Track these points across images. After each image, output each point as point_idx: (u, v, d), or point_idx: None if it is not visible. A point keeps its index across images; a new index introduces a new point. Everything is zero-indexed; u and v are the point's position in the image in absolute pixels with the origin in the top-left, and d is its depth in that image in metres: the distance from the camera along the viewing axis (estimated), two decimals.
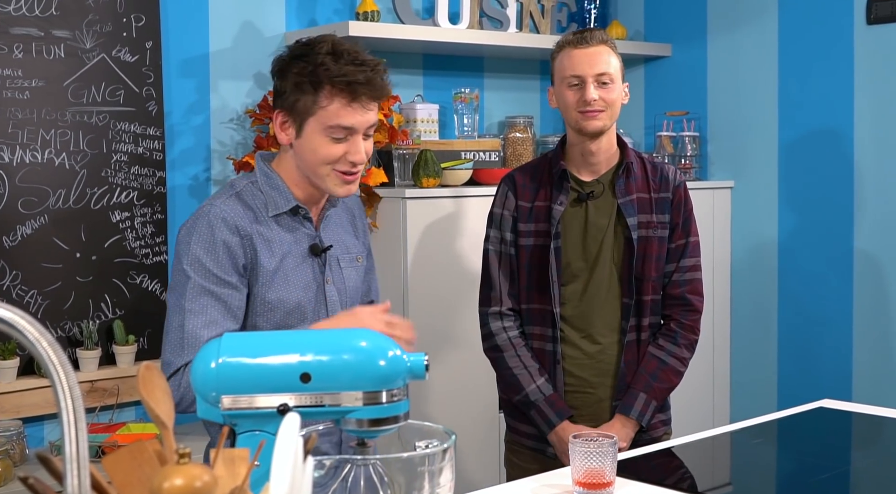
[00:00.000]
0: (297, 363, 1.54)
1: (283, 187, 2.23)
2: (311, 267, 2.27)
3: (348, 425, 1.58)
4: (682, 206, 2.76)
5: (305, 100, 2.14)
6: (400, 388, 1.60)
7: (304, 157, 2.20)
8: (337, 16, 3.90)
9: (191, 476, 1.13)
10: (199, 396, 1.57)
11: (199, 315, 2.12)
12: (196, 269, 2.13)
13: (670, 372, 2.74)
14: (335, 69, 2.12)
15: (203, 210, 2.19)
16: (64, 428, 1.04)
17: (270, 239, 2.20)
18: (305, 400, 1.54)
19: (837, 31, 3.94)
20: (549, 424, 2.69)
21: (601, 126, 2.68)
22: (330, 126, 2.15)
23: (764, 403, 4.17)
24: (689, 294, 2.76)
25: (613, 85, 2.68)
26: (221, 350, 1.55)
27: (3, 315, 1.09)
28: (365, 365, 1.56)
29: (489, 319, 2.79)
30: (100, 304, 3.39)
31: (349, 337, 1.60)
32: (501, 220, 2.79)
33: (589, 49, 2.68)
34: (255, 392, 1.54)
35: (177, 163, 3.56)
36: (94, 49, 3.36)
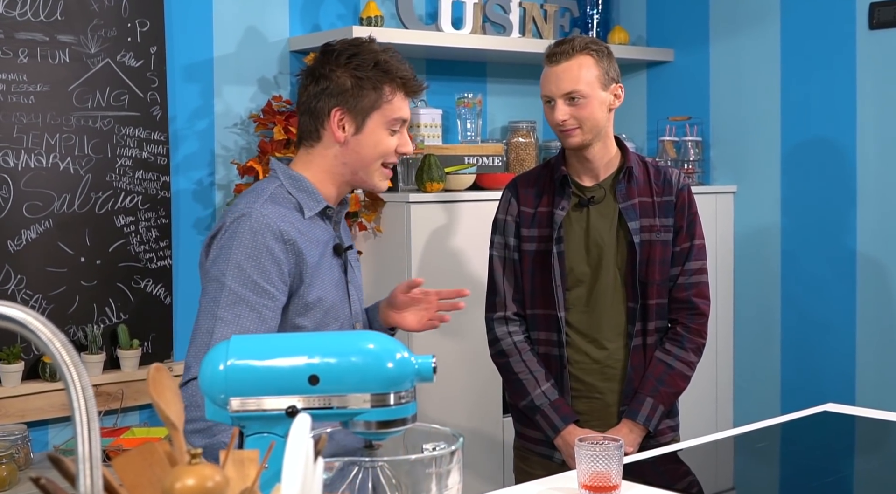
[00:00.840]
0: (306, 365, 1.54)
1: (312, 188, 2.23)
2: (338, 267, 2.29)
3: (356, 427, 1.58)
4: (685, 209, 2.75)
5: (370, 95, 2.20)
6: (408, 390, 1.61)
7: (360, 153, 2.23)
8: (340, 21, 3.91)
9: (202, 476, 1.13)
10: (208, 398, 1.57)
11: (230, 324, 2.07)
12: (234, 276, 2.09)
13: (677, 376, 2.73)
14: (397, 65, 2.21)
15: (242, 215, 2.13)
16: (77, 429, 1.04)
17: (310, 239, 2.19)
18: (314, 402, 1.55)
19: (840, 36, 3.94)
20: (555, 429, 2.69)
21: (578, 142, 2.67)
22: (393, 119, 2.23)
23: (767, 407, 4.17)
24: (695, 297, 2.75)
25: (586, 99, 2.64)
26: (230, 352, 1.55)
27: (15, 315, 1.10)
28: (373, 367, 1.56)
29: (494, 324, 2.79)
30: (104, 308, 3.40)
31: (357, 339, 1.61)
32: (505, 226, 2.79)
33: (558, 66, 2.66)
34: (264, 394, 1.55)
35: (181, 168, 3.57)
36: (98, 54, 3.37)
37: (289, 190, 2.22)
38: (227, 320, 2.07)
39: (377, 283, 3.59)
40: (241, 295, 2.08)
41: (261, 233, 2.10)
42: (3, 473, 2.95)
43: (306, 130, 2.26)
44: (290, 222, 2.16)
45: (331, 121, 2.21)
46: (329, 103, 2.21)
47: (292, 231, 2.14)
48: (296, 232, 2.15)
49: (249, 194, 2.23)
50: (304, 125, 2.27)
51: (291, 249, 2.14)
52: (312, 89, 2.23)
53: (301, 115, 2.27)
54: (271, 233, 2.11)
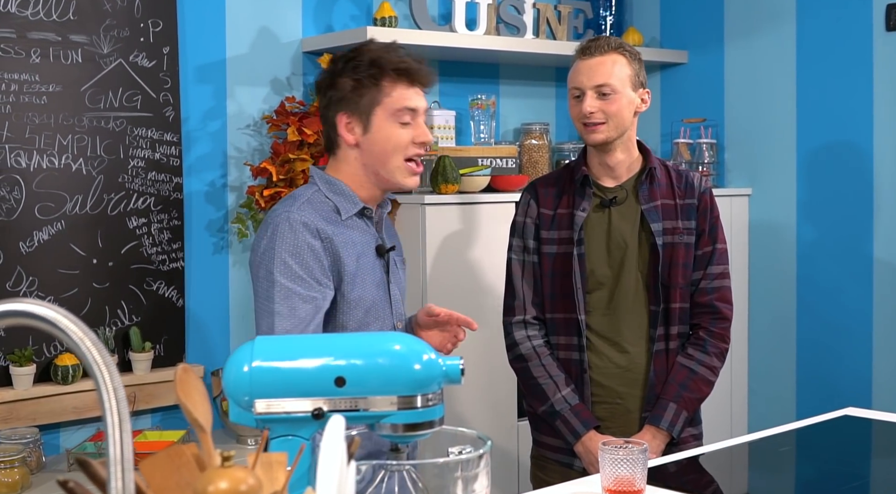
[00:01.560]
0: (332, 366, 1.52)
1: (348, 191, 2.31)
2: (379, 268, 2.35)
3: (383, 430, 1.55)
4: (708, 213, 2.72)
5: (369, 93, 2.26)
6: (435, 393, 1.58)
7: (374, 151, 2.29)
8: (353, 22, 3.88)
9: (236, 479, 1.10)
10: (232, 400, 1.54)
11: (287, 317, 2.17)
12: (282, 272, 2.18)
13: (701, 381, 2.69)
14: (393, 58, 2.26)
15: (280, 218, 2.23)
16: (108, 430, 1.01)
17: (346, 240, 2.26)
18: (340, 404, 1.52)
19: (856, 38, 3.91)
20: (576, 434, 2.65)
21: (602, 138, 2.65)
22: (397, 110, 2.27)
23: (783, 412, 4.14)
24: (717, 301, 2.72)
25: (616, 95, 2.63)
26: (255, 353, 1.53)
27: (46, 314, 1.07)
28: (400, 369, 1.54)
29: (513, 329, 2.76)
30: (116, 311, 3.37)
31: (384, 340, 1.58)
32: (524, 229, 2.76)
33: (591, 60, 2.65)
34: (289, 396, 1.52)
35: (193, 169, 3.54)
36: (111, 54, 3.34)
37: (326, 194, 2.30)
38: (283, 314, 2.17)
39: None
40: (291, 289, 2.18)
41: (299, 231, 2.20)
42: (15, 476, 2.92)
43: (328, 141, 2.37)
44: (327, 222, 2.25)
45: (340, 127, 2.30)
46: (334, 110, 2.30)
47: (328, 230, 2.23)
48: (331, 232, 2.24)
49: (288, 199, 2.33)
50: (325, 136, 2.37)
51: (329, 247, 2.23)
52: (322, 101, 2.35)
53: (322, 126, 2.38)
54: (308, 231, 2.21)
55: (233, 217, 3.60)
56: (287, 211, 2.24)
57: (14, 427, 3.12)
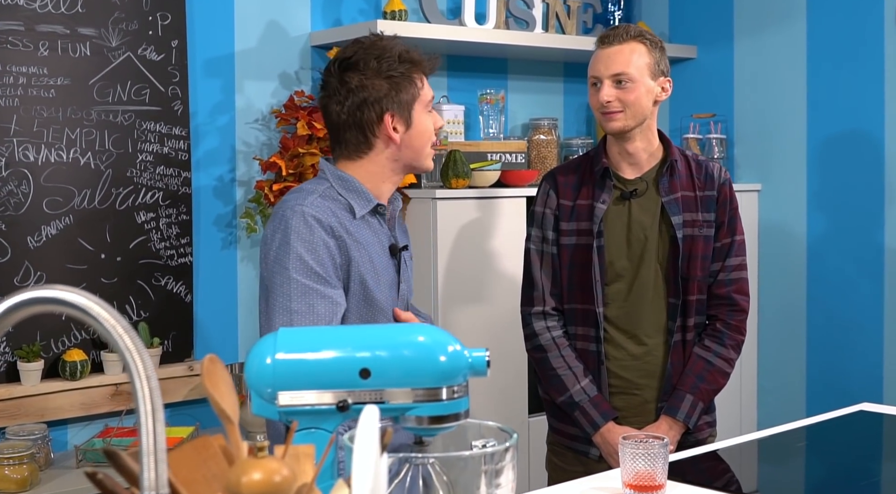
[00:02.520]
0: (357, 358, 1.50)
1: (362, 188, 2.26)
2: (392, 267, 2.32)
3: (407, 422, 1.53)
4: (727, 205, 2.71)
5: (408, 90, 2.25)
6: (461, 385, 1.57)
7: (414, 144, 2.29)
8: (362, 16, 3.86)
9: (269, 470, 1.08)
10: (254, 392, 1.52)
11: (305, 315, 2.12)
12: (299, 269, 2.14)
13: (717, 373, 2.69)
14: (415, 55, 2.27)
15: (294, 212, 2.17)
16: (141, 419, 0.99)
17: (359, 240, 2.22)
18: (364, 397, 1.50)
19: (867, 32, 3.89)
20: (594, 425, 2.65)
21: (620, 127, 2.64)
22: (428, 102, 2.31)
23: (792, 408, 4.12)
24: (734, 293, 2.71)
25: (633, 84, 2.62)
26: (277, 345, 1.50)
27: (77, 301, 1.05)
28: (425, 361, 1.52)
29: (532, 319, 2.74)
30: (124, 306, 3.35)
31: (408, 331, 1.56)
32: (543, 219, 2.75)
33: (610, 48, 2.65)
34: (313, 388, 1.50)
35: (202, 164, 3.52)
36: (119, 47, 3.32)
37: (339, 191, 2.25)
38: (301, 312, 2.13)
39: None
40: (309, 286, 2.14)
41: (315, 227, 2.16)
42: (24, 473, 2.89)
43: (354, 143, 2.28)
44: (340, 221, 2.20)
45: (384, 127, 2.25)
46: (376, 110, 2.24)
47: (341, 229, 2.19)
48: (344, 230, 2.19)
49: (297, 193, 2.26)
50: (350, 140, 2.28)
51: (342, 246, 2.18)
52: (350, 103, 2.25)
53: (345, 132, 2.28)
54: (323, 228, 2.16)
55: (241, 212, 3.57)
56: (300, 205, 2.18)
57: (22, 423, 3.10)
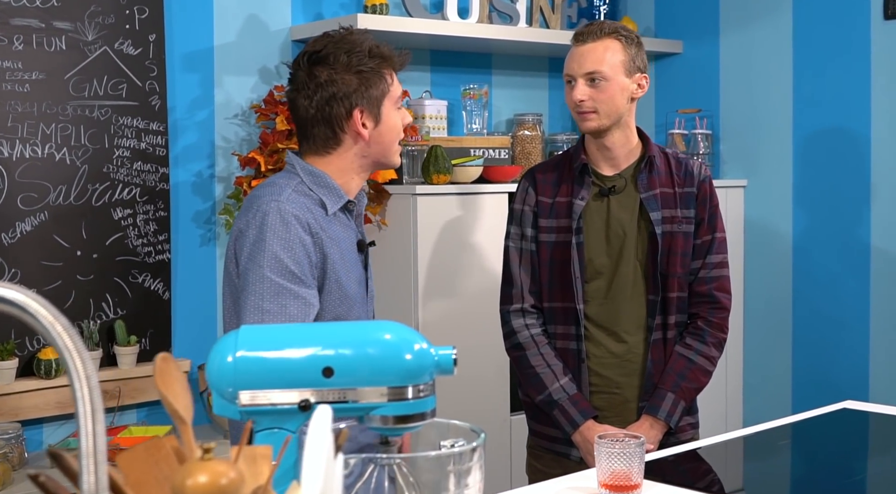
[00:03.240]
0: (320, 356, 1.46)
1: (334, 184, 2.22)
2: (360, 263, 2.29)
3: (372, 422, 1.49)
4: (707, 201, 2.68)
5: (378, 85, 2.21)
6: (427, 383, 1.53)
7: (383, 141, 2.25)
8: (343, 10, 3.82)
9: (216, 472, 1.04)
10: (215, 391, 1.48)
11: (277, 315, 2.08)
12: (273, 267, 2.09)
13: (699, 371, 2.65)
14: (385, 50, 2.23)
15: (269, 207, 2.12)
16: (80, 421, 0.95)
17: (332, 236, 2.19)
18: (328, 396, 1.46)
19: (854, 27, 3.86)
20: (573, 424, 2.61)
21: (595, 126, 2.60)
22: (397, 98, 2.27)
23: (778, 406, 4.09)
24: (716, 291, 2.67)
25: (607, 82, 2.58)
26: (239, 343, 1.47)
27: (13, 297, 1.01)
28: (390, 359, 1.48)
29: (511, 317, 2.71)
30: (101, 304, 3.31)
31: (373, 329, 1.52)
32: (522, 216, 2.71)
33: (584, 46, 2.61)
34: (275, 387, 1.46)
35: (180, 160, 3.48)
36: (95, 41, 3.27)
37: (310, 186, 2.21)
38: (273, 312, 2.08)
39: (383, 277, 3.50)
40: (283, 286, 2.09)
41: (291, 224, 2.11)
42: None
43: (322, 139, 2.24)
44: (315, 217, 2.16)
45: (353, 123, 2.21)
46: (345, 106, 2.20)
47: (317, 226, 2.15)
48: (319, 228, 2.16)
49: (270, 187, 2.21)
50: (319, 135, 2.24)
51: (317, 243, 2.15)
52: (319, 98, 2.20)
53: (312, 127, 2.24)
54: (300, 225, 2.12)
55: (220, 208, 3.53)
56: (276, 200, 2.13)
57: None
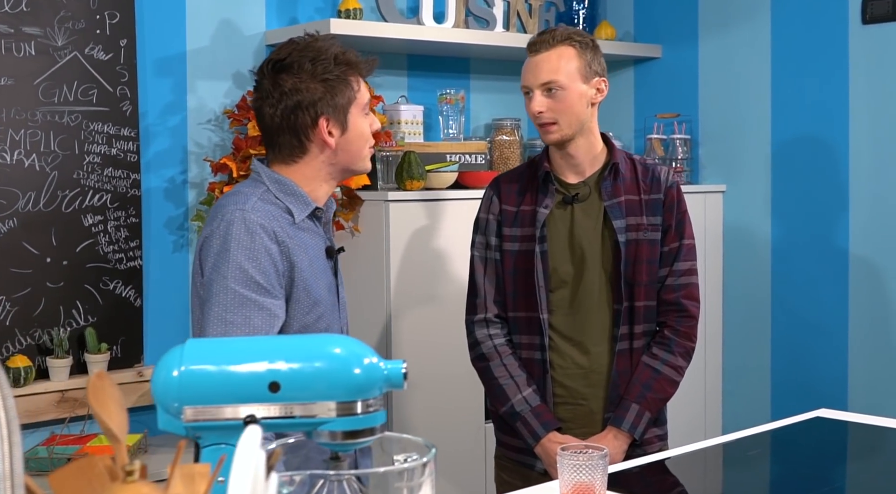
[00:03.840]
0: (266, 371, 1.43)
1: (300, 192, 2.20)
2: (329, 270, 2.26)
3: (321, 437, 1.47)
4: (674, 208, 2.64)
5: (344, 93, 2.19)
6: (376, 398, 1.50)
7: (351, 148, 2.22)
8: (319, 14, 3.79)
9: None
10: (161, 407, 1.45)
11: (241, 326, 2.05)
12: (237, 278, 2.06)
13: (665, 381, 2.62)
14: (351, 56, 2.22)
15: (233, 216, 2.09)
16: None
17: (300, 244, 2.16)
18: (274, 411, 1.43)
19: (832, 31, 3.85)
20: (535, 436, 2.58)
21: (557, 138, 2.57)
22: (365, 104, 2.24)
23: (757, 412, 4.07)
24: (683, 299, 2.64)
25: (564, 92, 2.54)
26: (184, 357, 1.44)
27: None
28: (339, 374, 1.45)
29: (475, 327, 2.68)
30: (71, 311, 3.28)
31: (322, 343, 1.49)
32: (486, 225, 2.69)
33: (538, 56, 2.57)
34: (220, 402, 1.43)
35: (152, 165, 3.45)
36: (65, 47, 3.25)
37: (276, 195, 2.18)
38: (237, 324, 2.05)
39: (355, 284, 3.47)
40: (247, 297, 2.06)
41: (257, 234, 2.08)
42: None
43: (289, 148, 2.21)
44: (281, 226, 2.13)
45: (319, 132, 2.18)
46: (310, 114, 2.17)
47: (283, 234, 2.12)
48: (286, 236, 2.13)
49: (236, 195, 2.18)
50: (285, 144, 2.21)
51: (284, 251, 2.12)
52: (284, 107, 2.18)
53: (278, 136, 2.21)
54: (266, 234, 2.09)
55: (193, 214, 3.50)
56: (241, 209, 2.11)
57: None
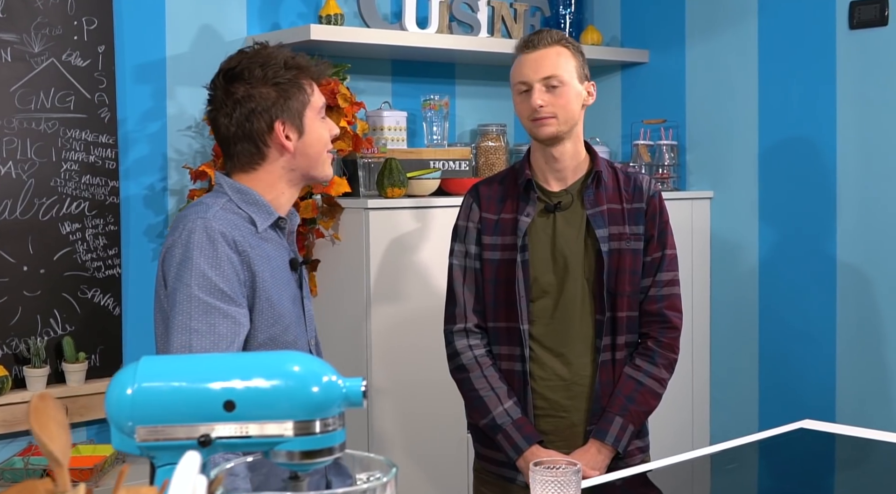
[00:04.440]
0: (221, 389, 1.39)
1: (263, 201, 2.18)
2: (293, 282, 2.24)
3: (278, 457, 1.43)
4: (657, 217, 2.60)
5: (297, 96, 2.18)
6: (335, 417, 1.46)
7: (309, 152, 2.21)
8: (301, 19, 3.76)
9: None
10: (114, 426, 1.42)
11: (206, 335, 2.03)
12: (201, 286, 2.04)
13: (648, 393, 2.58)
14: (302, 61, 2.21)
15: (195, 224, 2.08)
16: None
17: (262, 254, 2.14)
18: (229, 431, 1.40)
19: (819, 37, 3.82)
20: (517, 449, 2.53)
21: (553, 132, 2.54)
22: (320, 108, 2.23)
23: (745, 422, 4.04)
24: (666, 309, 2.60)
25: (564, 88, 2.52)
26: (138, 374, 1.40)
27: None
28: (296, 392, 1.42)
29: (454, 338, 2.64)
30: (48, 320, 3.24)
31: (280, 361, 1.45)
32: (466, 233, 2.65)
33: (535, 53, 2.54)
34: (175, 421, 1.40)
35: (131, 173, 3.41)
36: (42, 53, 3.21)
37: (238, 204, 2.16)
38: (202, 331, 2.02)
39: (336, 294, 3.43)
40: (211, 304, 2.04)
41: (218, 242, 2.06)
42: None
43: (247, 155, 2.20)
44: (243, 235, 2.11)
45: (276, 136, 2.17)
46: (265, 119, 2.16)
47: (244, 244, 2.10)
48: (248, 245, 2.11)
49: (198, 206, 2.17)
50: (242, 152, 2.20)
51: (245, 261, 2.09)
52: (238, 115, 2.17)
53: (235, 144, 2.20)
54: (227, 243, 2.07)
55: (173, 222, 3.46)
56: (203, 217, 2.09)
57: None
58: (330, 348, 3.36)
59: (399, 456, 3.40)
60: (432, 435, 3.46)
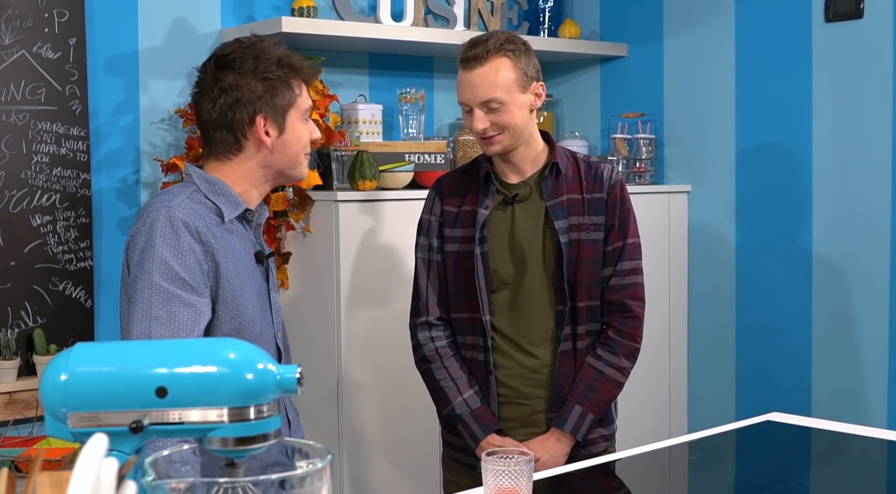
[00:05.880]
0: (153, 375, 1.40)
1: (231, 192, 2.18)
2: (259, 275, 2.23)
3: (212, 444, 1.43)
4: (617, 206, 2.60)
5: (284, 95, 2.18)
6: (270, 404, 1.46)
7: (287, 151, 2.20)
8: (275, 12, 3.75)
9: None
10: (48, 412, 1.42)
11: (166, 322, 2.03)
12: (163, 273, 2.04)
13: (608, 382, 2.58)
14: (295, 60, 2.20)
15: (158, 212, 2.08)
16: None
17: (226, 246, 2.14)
18: (162, 417, 1.40)
19: (795, 30, 3.81)
20: (475, 439, 2.55)
21: (500, 149, 2.53)
22: (305, 110, 2.23)
23: (722, 414, 4.04)
24: (628, 299, 2.60)
25: (505, 106, 2.48)
26: (71, 360, 1.40)
27: None
28: (230, 378, 1.42)
29: (417, 330, 2.66)
30: (19, 312, 3.24)
31: (213, 347, 1.45)
32: (429, 227, 2.66)
33: (472, 73, 2.49)
34: (107, 408, 1.40)
35: (103, 165, 3.41)
36: (13, 45, 3.20)
37: (206, 194, 2.16)
38: (162, 319, 2.02)
39: (306, 287, 3.43)
40: (172, 292, 2.03)
41: (181, 231, 2.06)
42: None
43: (224, 144, 2.20)
44: (207, 225, 2.11)
45: (255, 129, 2.16)
46: (248, 111, 2.16)
47: (208, 234, 2.10)
48: (211, 236, 2.11)
49: (164, 194, 2.17)
50: (220, 139, 2.20)
51: (208, 251, 2.09)
52: (222, 102, 2.17)
53: (214, 131, 2.20)
54: (189, 232, 2.07)
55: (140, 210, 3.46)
56: (167, 206, 2.09)
57: None
58: (301, 341, 3.36)
59: (372, 447, 3.40)
60: (404, 425, 3.46)
